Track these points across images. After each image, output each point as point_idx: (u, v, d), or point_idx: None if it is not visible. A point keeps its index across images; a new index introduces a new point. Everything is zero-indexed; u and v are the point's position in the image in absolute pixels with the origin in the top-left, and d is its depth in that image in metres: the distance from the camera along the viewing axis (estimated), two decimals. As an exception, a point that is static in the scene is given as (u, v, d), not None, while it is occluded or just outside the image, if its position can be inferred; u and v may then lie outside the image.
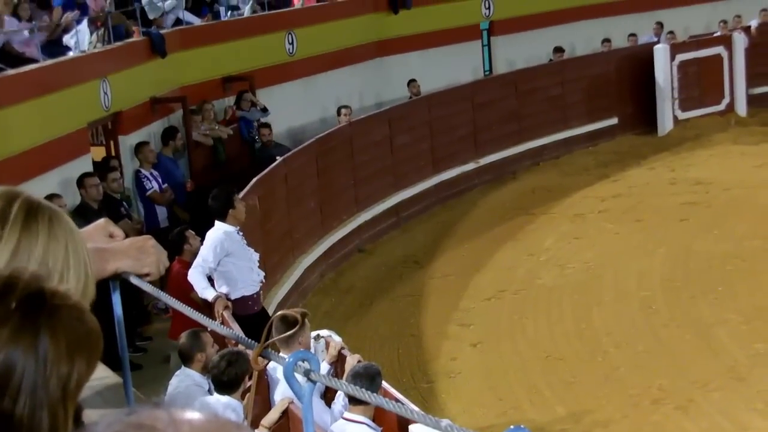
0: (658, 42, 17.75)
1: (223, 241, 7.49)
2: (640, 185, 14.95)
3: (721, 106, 17.87)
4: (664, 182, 15.01)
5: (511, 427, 2.38)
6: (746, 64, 17.82)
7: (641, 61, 17.45)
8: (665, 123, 17.42)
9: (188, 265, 7.98)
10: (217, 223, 7.49)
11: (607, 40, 18.29)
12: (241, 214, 7.52)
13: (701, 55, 17.71)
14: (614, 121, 17.39)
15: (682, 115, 17.56)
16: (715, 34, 18.33)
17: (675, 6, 19.59)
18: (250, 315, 7.61)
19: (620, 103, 17.41)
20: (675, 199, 14.12)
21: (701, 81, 17.65)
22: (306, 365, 2.67)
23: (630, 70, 17.53)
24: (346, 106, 13.90)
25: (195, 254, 8.01)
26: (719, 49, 17.84)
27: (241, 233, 7.74)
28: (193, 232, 8.89)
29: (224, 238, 7.49)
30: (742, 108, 17.94)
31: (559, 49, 17.80)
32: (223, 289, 7.62)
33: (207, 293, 7.48)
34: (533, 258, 12.49)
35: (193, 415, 1.11)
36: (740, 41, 17.85)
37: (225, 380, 6.03)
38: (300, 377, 2.71)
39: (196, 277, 7.53)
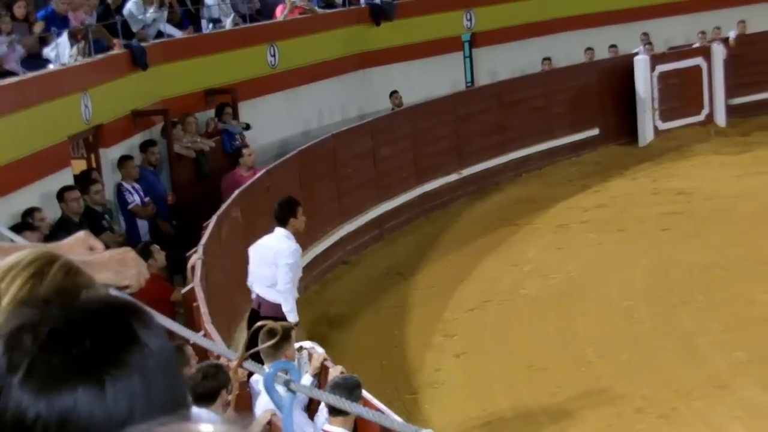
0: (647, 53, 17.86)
1: (298, 251, 7.71)
2: (622, 196, 15.01)
3: (701, 117, 17.98)
4: (646, 192, 15.08)
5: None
6: (725, 75, 17.94)
7: (622, 72, 17.54)
8: (646, 134, 17.51)
9: (154, 279, 8.01)
10: (277, 228, 7.69)
11: (589, 49, 18.40)
12: (300, 224, 7.76)
13: (681, 66, 17.83)
14: (596, 132, 17.46)
15: (663, 126, 17.65)
16: (694, 46, 18.45)
17: (655, 17, 19.70)
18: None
19: (602, 114, 17.49)
20: (657, 209, 14.18)
21: (681, 92, 17.76)
22: (286, 376, 2.66)
23: (611, 81, 17.62)
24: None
25: (160, 269, 8.05)
26: (699, 60, 17.96)
27: None
28: (158, 247, 8.91)
29: (297, 247, 7.71)
30: (721, 118, 18.05)
31: (546, 60, 17.90)
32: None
33: (292, 316, 7.69)
34: (517, 269, 12.51)
35: (212, 427, 1.17)
36: (719, 52, 17.97)
37: (200, 392, 6.01)
38: (280, 388, 2.71)
39: (291, 298, 7.64)
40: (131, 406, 1.23)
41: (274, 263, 7.70)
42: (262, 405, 6.40)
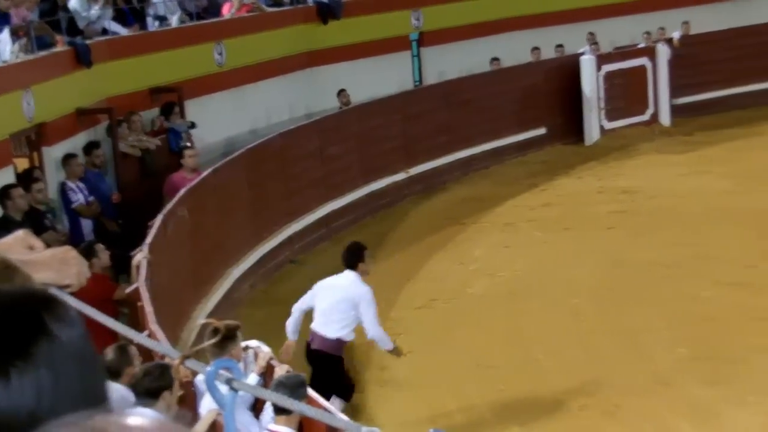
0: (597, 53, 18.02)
1: (371, 291, 8.34)
2: (568, 194, 15.13)
3: (646, 117, 18.18)
4: (591, 191, 15.21)
5: (431, 430, 2.39)
6: (670, 75, 18.15)
7: (569, 72, 17.68)
8: (592, 133, 17.66)
9: (98, 278, 7.99)
10: (348, 272, 8.38)
11: (536, 48, 18.52)
12: (368, 267, 8.52)
13: (626, 66, 18.01)
14: (543, 131, 17.58)
15: (609, 125, 17.82)
16: (639, 46, 18.64)
17: (601, 18, 19.89)
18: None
19: (549, 114, 17.61)
20: (602, 208, 14.31)
21: (627, 92, 17.94)
22: (228, 374, 2.65)
23: (558, 81, 17.75)
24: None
25: (104, 268, 8.07)
26: (644, 61, 18.15)
27: None
28: (103, 246, 8.86)
29: (369, 287, 8.38)
30: (666, 118, 18.26)
31: (495, 60, 17.99)
32: (346, 331, 8.28)
33: (390, 345, 8.47)
34: (464, 267, 12.56)
35: (141, 419, 1.18)
36: (664, 53, 18.17)
37: (142, 391, 5.96)
38: (223, 387, 2.69)
39: (384, 334, 8.40)
40: (38, 398, 1.24)
41: (347, 304, 8.23)
42: (207, 405, 6.36)
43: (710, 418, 8.40)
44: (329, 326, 8.20)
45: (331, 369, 8.22)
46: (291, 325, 8.53)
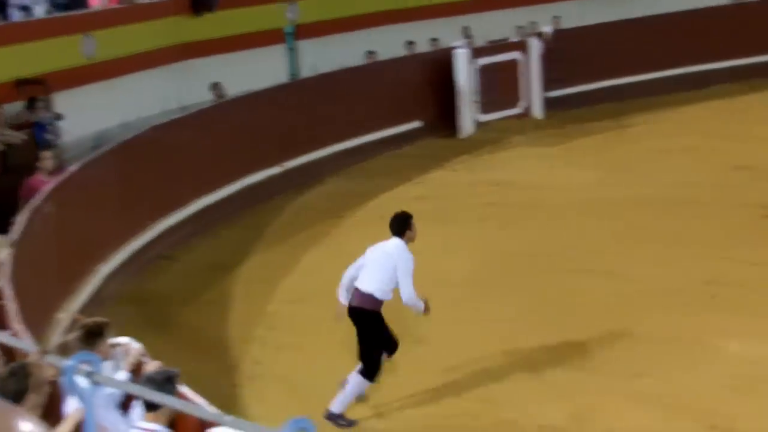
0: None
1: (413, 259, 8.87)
2: (442, 187, 15.28)
3: (519, 110, 18.49)
4: (465, 184, 15.39)
5: (292, 419, 2.38)
6: (542, 69, 18.49)
7: (443, 65, 17.84)
8: (466, 126, 17.87)
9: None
10: (395, 239, 8.91)
11: (411, 42, 18.64)
12: (414, 234, 9.03)
13: (499, 59, 18.27)
14: (418, 124, 17.71)
15: (483, 118, 18.06)
16: (512, 40, 18.94)
17: (475, 11, 20.15)
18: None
19: (423, 107, 17.75)
20: (475, 201, 14.50)
21: (500, 85, 18.20)
22: (88, 367, 2.59)
23: (432, 74, 17.89)
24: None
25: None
26: (516, 54, 18.45)
27: None
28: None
29: (412, 256, 8.87)
30: (538, 111, 18.60)
31: (371, 53, 18.03)
32: (382, 290, 8.79)
33: (421, 308, 8.88)
34: (340, 260, 12.53)
35: None
36: (536, 46, 18.50)
37: (5, 392, 5.77)
38: (84, 380, 2.63)
39: (416, 298, 8.79)
40: None
41: (389, 266, 8.77)
42: (74, 404, 6.21)
43: (579, 404, 8.59)
44: (369, 283, 8.75)
45: (369, 324, 8.73)
46: (342, 288, 9.01)
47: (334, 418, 8.71)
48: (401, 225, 8.95)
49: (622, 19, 19.61)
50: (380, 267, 8.75)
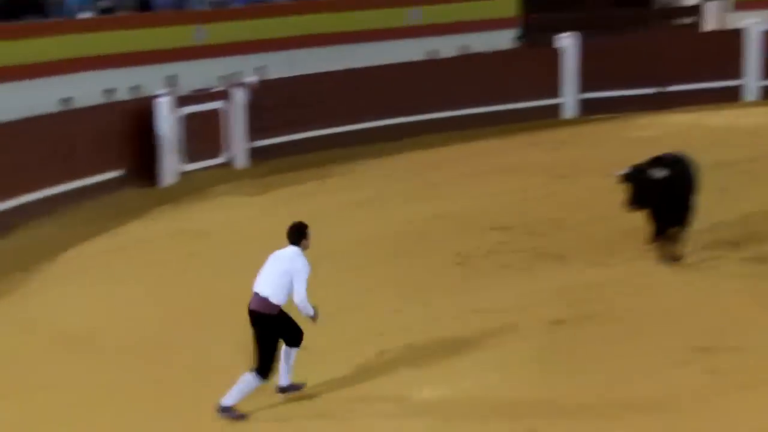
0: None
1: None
2: (141, 239, 14.79)
3: (223, 159, 18.32)
4: (166, 235, 14.97)
5: None
6: (246, 118, 18.43)
7: (145, 113, 17.39)
8: (168, 175, 17.47)
9: None
10: (291, 247, 9.70)
11: (110, 90, 18.10)
12: (309, 243, 9.78)
13: (203, 108, 18.07)
14: (118, 174, 17.12)
15: (186, 168, 17.73)
16: (216, 89, 18.79)
17: (179, 60, 19.86)
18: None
19: (124, 156, 17.19)
20: (177, 252, 14.13)
21: (204, 134, 17.97)
22: None
23: (134, 122, 17.39)
24: None
25: None
26: (220, 104, 18.31)
27: None
28: None
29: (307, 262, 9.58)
30: (242, 161, 18.49)
31: (66, 100, 17.35)
32: (277, 294, 9.51)
33: (311, 312, 9.55)
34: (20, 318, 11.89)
35: None
36: (240, 96, 18.44)
37: None
38: None
39: (306, 302, 9.46)
40: None
41: (284, 272, 9.51)
42: None
43: None
44: (264, 287, 9.51)
45: (266, 326, 9.43)
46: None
47: (228, 411, 9.38)
48: (297, 234, 9.70)
49: (329, 71, 19.89)
50: (276, 272, 9.50)
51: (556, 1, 27.22)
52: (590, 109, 21.02)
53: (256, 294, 9.52)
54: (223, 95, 18.45)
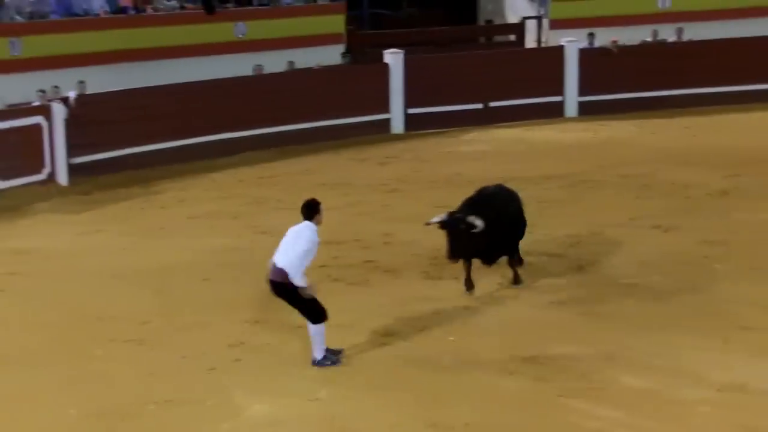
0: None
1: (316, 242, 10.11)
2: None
3: (43, 176, 17.66)
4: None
5: None
6: (66, 134, 17.81)
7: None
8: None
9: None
10: (306, 222, 10.16)
11: None
12: (322, 218, 10.27)
13: (21, 124, 17.41)
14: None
15: (3, 185, 17.01)
16: (34, 104, 18.10)
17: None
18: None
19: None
20: (-4, 270, 13.50)
21: (22, 150, 17.29)
22: None
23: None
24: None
25: None
26: (39, 119, 17.66)
27: None
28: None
29: (317, 239, 10.11)
30: (63, 177, 17.84)
31: None
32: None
33: (301, 283, 9.96)
34: None
35: None
36: (59, 111, 17.81)
37: None
38: None
39: (300, 270, 9.95)
40: None
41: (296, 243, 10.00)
42: None
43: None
44: (281, 259, 9.96)
45: (289, 291, 9.96)
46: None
47: (322, 361, 10.07)
48: (310, 210, 10.19)
49: (154, 85, 19.42)
50: (291, 245, 9.99)
51: (384, 18, 27.50)
52: (418, 125, 21.24)
53: (274, 265, 10.01)
54: (41, 110, 17.77)
